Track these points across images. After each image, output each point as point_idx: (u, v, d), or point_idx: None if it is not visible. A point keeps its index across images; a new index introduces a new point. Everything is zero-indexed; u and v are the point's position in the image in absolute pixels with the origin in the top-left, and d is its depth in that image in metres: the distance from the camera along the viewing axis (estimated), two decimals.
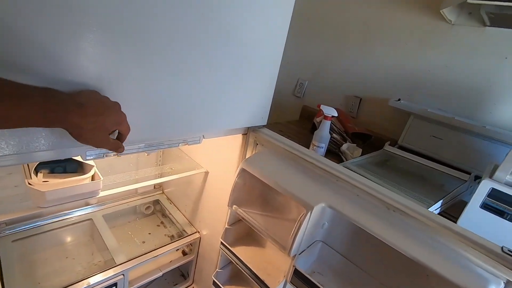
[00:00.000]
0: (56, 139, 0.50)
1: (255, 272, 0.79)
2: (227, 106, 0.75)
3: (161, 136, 0.68)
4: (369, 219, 0.62)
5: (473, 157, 1.03)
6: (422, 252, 0.56)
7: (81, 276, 0.92)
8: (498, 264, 0.53)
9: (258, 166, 0.78)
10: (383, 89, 1.33)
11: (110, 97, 0.50)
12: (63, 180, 0.74)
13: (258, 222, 0.78)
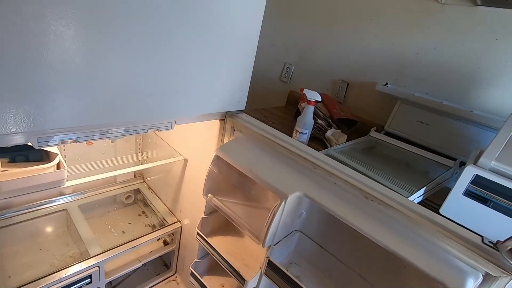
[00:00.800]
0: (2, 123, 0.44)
1: (230, 263, 0.76)
2: (200, 89, 0.70)
3: (127, 120, 0.63)
4: (346, 209, 0.59)
5: (459, 143, 1.00)
6: (399, 244, 0.53)
7: (54, 269, 0.88)
8: (478, 256, 0.50)
9: (233, 154, 0.74)
10: (370, 73, 1.28)
11: (67, 78, 0.44)
12: (23, 170, 0.68)
13: (233, 212, 0.74)
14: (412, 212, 0.55)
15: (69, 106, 0.51)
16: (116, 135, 0.63)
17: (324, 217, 0.70)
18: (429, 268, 0.50)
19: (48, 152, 0.81)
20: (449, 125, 1.02)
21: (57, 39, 0.45)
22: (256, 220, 0.71)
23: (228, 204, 0.76)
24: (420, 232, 0.54)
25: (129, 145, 1.27)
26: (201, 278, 0.88)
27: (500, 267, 0.48)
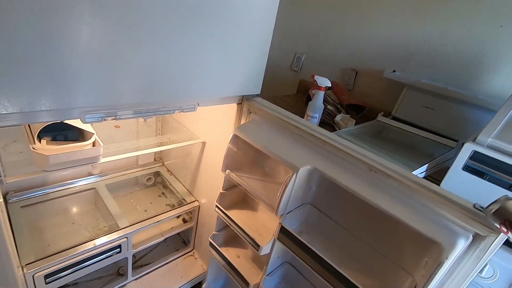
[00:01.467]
0: (57, 100, 0.53)
1: (246, 232, 0.85)
2: (220, 73, 0.77)
3: (158, 102, 0.71)
4: (351, 180, 0.66)
5: (464, 126, 1.05)
6: (398, 208, 0.60)
7: (87, 239, 0.98)
8: (469, 218, 0.56)
9: (249, 133, 0.82)
10: (378, 61, 1.33)
11: (107, 65, 0.52)
12: (65, 146, 0.78)
13: (249, 185, 0.82)
14: (411, 181, 0.62)
15: (112, 87, 0.59)
16: (148, 114, 0.71)
17: (332, 191, 0.77)
18: (425, 230, 0.57)
19: (83, 133, 0.90)
20: (454, 110, 1.07)
21: (101, 32, 0.53)
22: (270, 192, 0.79)
23: (244, 179, 0.84)
24: (418, 198, 0.61)
25: (150, 130, 1.36)
26: (219, 248, 0.97)
27: (488, 227, 0.54)
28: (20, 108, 0.49)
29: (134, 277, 1.17)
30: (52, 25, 0.47)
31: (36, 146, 0.75)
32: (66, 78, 0.52)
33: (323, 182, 0.78)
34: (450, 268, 0.58)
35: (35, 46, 0.47)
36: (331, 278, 0.66)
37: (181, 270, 1.27)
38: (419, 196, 0.61)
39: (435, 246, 0.57)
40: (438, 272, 0.54)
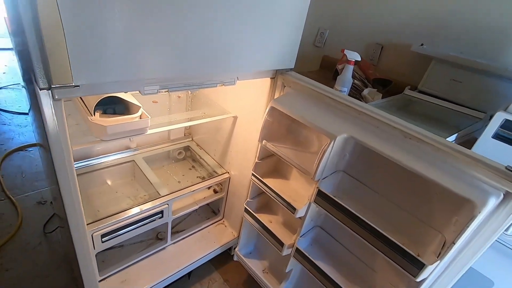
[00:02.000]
0: (124, 73, 0.59)
1: (282, 197, 0.92)
2: (258, 48, 0.81)
3: (202, 75, 0.76)
4: (386, 146, 0.71)
5: (491, 98, 1.07)
6: (432, 171, 0.65)
7: (131, 206, 1.08)
8: (501, 179, 0.61)
9: (286, 105, 0.87)
10: (405, 36, 1.33)
11: (167, 41, 0.57)
12: (120, 117, 0.85)
13: (285, 154, 0.88)
14: (444, 146, 0.66)
15: (169, 61, 0.65)
16: (194, 87, 0.77)
17: (364, 158, 0.83)
18: (459, 189, 0.62)
19: (128, 107, 0.97)
20: (482, 82, 1.08)
21: (165, 12, 0.58)
22: (306, 160, 0.85)
23: (280, 148, 0.90)
24: (451, 162, 0.65)
25: (181, 106, 1.42)
26: (254, 213, 1.05)
27: None
28: (92, 80, 0.55)
29: (172, 241, 1.28)
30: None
31: (94, 118, 0.82)
32: (133, 53, 0.58)
33: (355, 150, 0.83)
34: (478, 225, 0.64)
35: (109, 25, 0.52)
36: (367, 235, 0.73)
37: (213, 236, 1.38)
38: (453, 159, 0.65)
39: (467, 204, 0.62)
40: (471, 225, 0.60)
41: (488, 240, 0.65)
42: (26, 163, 1.84)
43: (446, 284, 0.72)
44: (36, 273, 1.23)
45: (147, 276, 1.15)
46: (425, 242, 0.73)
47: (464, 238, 0.65)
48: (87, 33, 0.50)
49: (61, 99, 0.56)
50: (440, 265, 0.69)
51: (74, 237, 0.76)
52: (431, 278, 0.71)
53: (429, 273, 0.67)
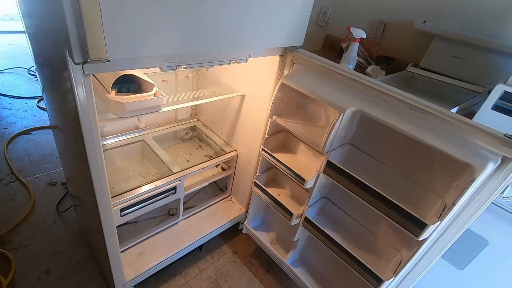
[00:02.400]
0: (148, 49, 0.61)
1: (292, 169, 0.97)
2: (269, 26, 0.83)
3: (217, 52, 0.79)
4: (393, 118, 0.75)
5: (491, 74, 1.11)
6: (436, 139, 0.69)
7: (144, 183, 1.12)
8: (499, 145, 0.66)
9: (296, 81, 0.90)
10: (407, 13, 1.35)
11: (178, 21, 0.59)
12: (137, 95, 0.88)
13: (295, 128, 0.93)
14: (447, 116, 0.70)
15: (189, 37, 0.67)
16: (210, 64, 0.79)
17: (370, 131, 0.87)
18: (459, 155, 0.67)
19: (141, 85, 0.99)
20: (482, 58, 1.12)
21: None
22: (315, 133, 0.89)
23: (290, 123, 0.95)
24: (454, 131, 0.69)
25: (188, 86, 1.44)
26: (264, 187, 1.10)
27: None
28: (121, 55, 0.58)
29: (184, 217, 1.34)
30: None
31: (112, 96, 0.84)
32: (158, 29, 0.60)
33: (362, 123, 0.88)
34: (477, 189, 0.70)
35: (139, 3, 0.55)
36: (373, 201, 0.78)
37: (222, 211, 1.44)
38: (455, 128, 0.70)
39: (467, 169, 0.67)
40: (470, 187, 0.65)
41: (486, 202, 0.71)
42: (31, 146, 1.86)
43: (445, 244, 0.79)
44: (54, 249, 1.28)
45: (162, 248, 1.21)
46: (427, 207, 0.79)
47: (463, 201, 0.71)
48: (120, 9, 0.52)
49: (90, 75, 0.59)
50: (440, 227, 0.76)
51: (101, 210, 0.81)
52: (431, 239, 0.78)
53: (430, 233, 0.73)
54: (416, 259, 0.83)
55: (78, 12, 0.46)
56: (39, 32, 0.74)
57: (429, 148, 0.71)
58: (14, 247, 1.26)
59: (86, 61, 0.51)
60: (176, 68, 0.73)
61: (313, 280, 1.13)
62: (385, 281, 0.82)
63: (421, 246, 0.77)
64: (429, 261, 0.82)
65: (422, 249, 0.79)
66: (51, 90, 0.88)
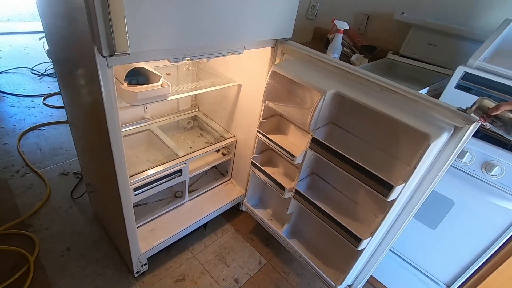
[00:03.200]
0: (158, 43, 0.73)
1: (283, 147, 1.09)
2: (261, 20, 0.95)
3: (215, 45, 0.91)
4: (365, 97, 0.87)
5: (462, 58, 1.23)
6: (400, 114, 0.81)
7: (154, 166, 1.24)
8: (452, 117, 0.77)
9: (285, 69, 1.02)
10: (388, 4, 1.47)
11: (186, 18, 0.71)
12: (147, 85, 1.00)
13: (285, 110, 1.05)
14: (411, 95, 0.81)
15: (193, 31, 0.79)
16: (211, 56, 0.91)
17: (351, 111, 0.99)
18: (418, 126, 0.78)
19: (149, 77, 1.11)
20: (454, 45, 1.25)
21: None
22: (301, 114, 1.00)
23: (280, 106, 1.07)
24: (416, 106, 0.81)
25: (187, 78, 1.56)
26: (260, 166, 1.23)
27: (464, 121, 0.75)
28: (139, 48, 0.70)
29: (189, 198, 1.47)
30: None
31: (125, 86, 0.96)
32: (169, 25, 0.72)
33: (342, 104, 1.00)
34: (436, 155, 0.82)
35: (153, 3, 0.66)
36: (350, 169, 0.91)
37: (224, 193, 1.57)
38: (416, 104, 0.81)
39: (425, 137, 0.77)
40: (426, 152, 0.77)
41: (444, 166, 0.82)
42: (42, 140, 1.98)
43: (415, 206, 0.91)
44: (73, 230, 1.41)
45: (170, 226, 1.34)
46: (396, 173, 0.91)
47: (426, 166, 0.83)
48: (139, 10, 0.64)
49: (112, 66, 0.71)
50: (409, 190, 0.88)
51: (121, 187, 0.93)
52: (402, 201, 0.91)
53: (397, 194, 0.85)
54: (391, 220, 0.96)
55: (107, 14, 0.58)
56: (63, 31, 0.85)
57: (397, 123, 0.82)
58: (37, 229, 1.38)
59: (112, 54, 0.63)
60: (182, 60, 0.85)
61: (305, 248, 1.26)
62: (363, 240, 0.95)
63: (391, 207, 0.89)
64: (402, 222, 0.95)
65: (394, 211, 0.92)
66: (71, 83, 0.99)
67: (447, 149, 0.80)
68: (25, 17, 4.44)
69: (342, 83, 0.94)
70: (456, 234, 1.01)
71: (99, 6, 0.57)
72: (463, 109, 0.77)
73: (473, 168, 0.90)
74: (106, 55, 0.64)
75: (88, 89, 0.84)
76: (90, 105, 0.88)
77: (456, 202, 0.97)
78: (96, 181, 1.27)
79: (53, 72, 2.85)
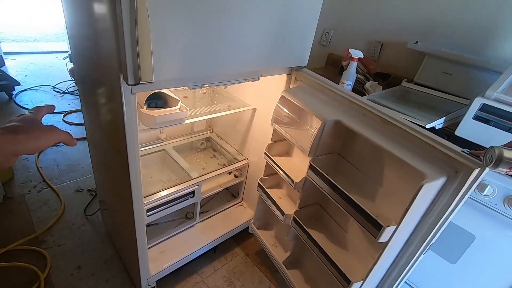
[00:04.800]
0: (181, 72, 0.76)
1: (285, 171, 1.10)
2: (279, 51, 0.98)
3: (234, 72, 0.94)
4: (365, 128, 0.84)
5: (477, 88, 1.23)
6: (399, 149, 0.76)
7: (167, 188, 1.25)
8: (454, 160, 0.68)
9: (294, 94, 1.03)
10: (402, 33, 1.50)
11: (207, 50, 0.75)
12: (165, 109, 1.03)
13: (290, 134, 1.05)
14: (413, 131, 0.76)
15: (210, 63, 0.82)
16: (228, 83, 0.94)
17: (355, 143, 0.97)
18: (416, 164, 0.72)
19: (167, 101, 1.15)
20: (469, 74, 1.25)
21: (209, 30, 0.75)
22: (304, 140, 0.99)
23: (286, 130, 1.07)
24: (418, 143, 0.75)
25: (203, 100, 1.60)
26: (266, 188, 1.23)
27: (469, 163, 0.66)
28: (163, 77, 0.73)
29: (200, 220, 1.46)
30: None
31: (144, 110, 1.00)
32: (192, 56, 0.76)
33: (349, 135, 0.97)
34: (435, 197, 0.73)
35: (178, 36, 0.70)
36: (346, 205, 0.86)
37: (235, 216, 1.56)
38: (419, 142, 0.75)
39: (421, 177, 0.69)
40: (419, 194, 0.68)
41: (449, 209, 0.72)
42: (59, 157, 2.04)
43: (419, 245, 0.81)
44: (84, 248, 1.42)
45: (181, 248, 1.33)
46: (392, 213, 0.81)
47: (423, 209, 0.75)
48: (164, 44, 0.67)
49: (136, 93, 0.74)
50: (405, 232, 0.79)
51: (135, 208, 0.94)
52: (399, 243, 0.82)
53: (388, 236, 0.77)
54: (388, 263, 0.87)
55: (136, 45, 0.61)
56: (88, 53, 0.90)
57: (396, 159, 0.75)
58: (49, 246, 1.40)
59: (137, 83, 0.66)
60: (201, 87, 0.87)
61: (303, 281, 1.21)
62: (354, 283, 0.88)
63: (385, 249, 0.79)
64: (413, 255, 0.83)
65: (390, 254, 0.84)
66: (93, 102, 1.03)
67: (449, 193, 0.71)
68: (51, 38, 4.71)
69: (346, 113, 0.92)
70: (477, 269, 0.97)
71: (128, 37, 0.61)
72: (468, 152, 0.69)
73: (494, 202, 0.88)
74: (131, 83, 0.67)
75: (110, 110, 0.87)
76: (111, 126, 0.91)
77: (477, 236, 0.93)
78: (110, 199, 1.28)
79: (74, 90, 2.98)
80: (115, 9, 0.59)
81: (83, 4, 0.81)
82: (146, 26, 0.61)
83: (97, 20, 0.73)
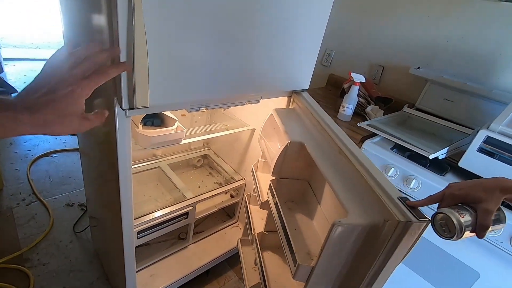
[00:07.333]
0: (180, 96, 0.74)
1: (258, 185, 1.08)
2: (280, 75, 0.96)
3: (234, 96, 0.91)
4: (320, 155, 0.79)
5: (479, 116, 1.22)
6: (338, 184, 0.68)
7: (159, 208, 1.21)
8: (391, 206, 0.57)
9: (280, 114, 0.99)
10: (404, 58, 1.49)
11: (205, 76, 0.73)
12: (161, 129, 1.00)
13: (268, 150, 1.02)
14: (362, 168, 0.68)
15: (209, 89, 0.79)
16: (227, 105, 0.92)
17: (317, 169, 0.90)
18: (346, 201, 0.63)
19: (164, 119, 1.12)
20: (471, 102, 1.24)
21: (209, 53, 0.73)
22: (273, 158, 0.94)
23: (268, 145, 1.04)
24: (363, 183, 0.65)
25: (201, 119, 1.57)
26: (248, 203, 1.19)
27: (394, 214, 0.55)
28: (159, 102, 0.70)
29: (193, 241, 1.41)
30: None
31: (139, 129, 0.97)
32: (189, 81, 0.73)
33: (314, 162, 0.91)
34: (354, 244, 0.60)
35: (174, 63, 0.68)
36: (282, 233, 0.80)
37: (229, 237, 1.51)
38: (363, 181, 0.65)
39: None
40: (331, 234, 0.58)
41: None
42: (52, 168, 1.99)
43: None
44: (71, 268, 1.35)
45: (172, 272, 1.28)
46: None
47: (343, 254, 0.62)
48: (160, 71, 0.65)
49: (130, 117, 0.71)
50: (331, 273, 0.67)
51: (124, 230, 0.90)
52: None
53: (305, 276, 0.68)
54: None
55: (132, 70, 0.59)
56: None
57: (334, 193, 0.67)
58: (34, 265, 1.33)
59: (132, 108, 0.64)
60: (199, 109, 0.85)
61: None
62: None
63: None
64: None
65: None
66: None
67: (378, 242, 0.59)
68: (54, 45, 4.72)
69: (314, 138, 0.88)
70: None
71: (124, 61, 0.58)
72: (403, 200, 0.58)
73: (500, 241, 0.84)
74: (126, 108, 0.64)
75: (103, 130, 0.84)
76: (103, 145, 0.88)
77: (481, 274, 0.89)
78: (100, 216, 1.23)
79: None
80: (112, 35, 0.56)
81: (80, 26, 0.79)
82: (144, 51, 0.59)
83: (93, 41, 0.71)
